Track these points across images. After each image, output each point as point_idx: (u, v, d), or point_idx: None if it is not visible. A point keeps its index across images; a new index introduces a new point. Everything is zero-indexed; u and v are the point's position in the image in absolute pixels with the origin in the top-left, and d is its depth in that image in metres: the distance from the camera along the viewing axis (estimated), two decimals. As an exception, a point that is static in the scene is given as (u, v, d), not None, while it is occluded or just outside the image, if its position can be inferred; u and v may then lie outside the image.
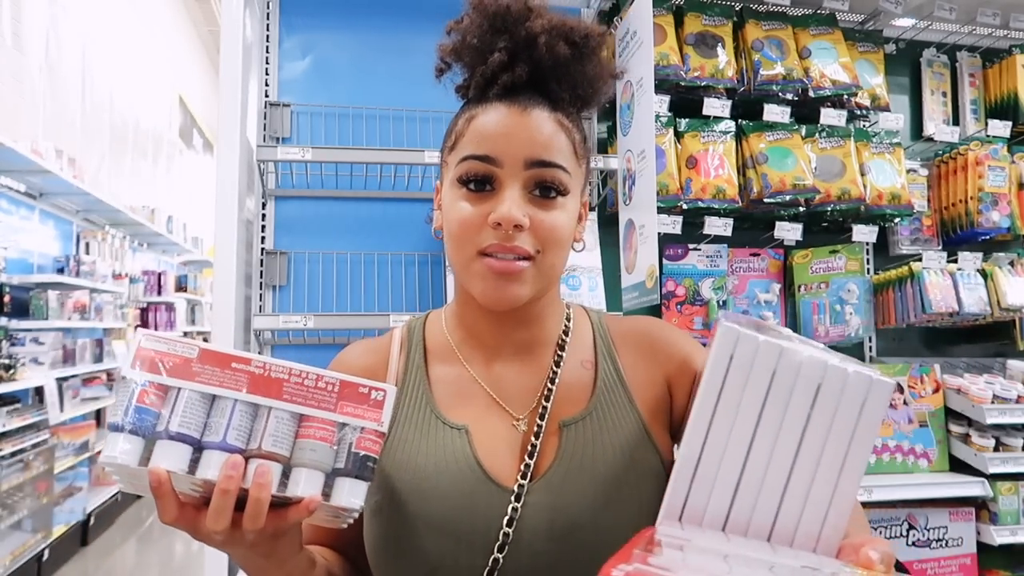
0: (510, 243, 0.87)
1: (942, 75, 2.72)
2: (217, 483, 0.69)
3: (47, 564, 4.90)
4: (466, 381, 0.99)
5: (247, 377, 0.75)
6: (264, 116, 2.16)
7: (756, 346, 0.72)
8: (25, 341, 4.99)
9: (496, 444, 0.92)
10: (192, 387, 0.72)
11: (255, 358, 0.75)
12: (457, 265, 0.93)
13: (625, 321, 1.08)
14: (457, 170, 0.91)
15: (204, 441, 0.71)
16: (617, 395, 0.97)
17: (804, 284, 2.41)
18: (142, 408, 0.70)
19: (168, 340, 0.74)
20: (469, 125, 0.92)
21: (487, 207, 0.88)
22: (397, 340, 1.05)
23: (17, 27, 5.30)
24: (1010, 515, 2.22)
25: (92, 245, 6.40)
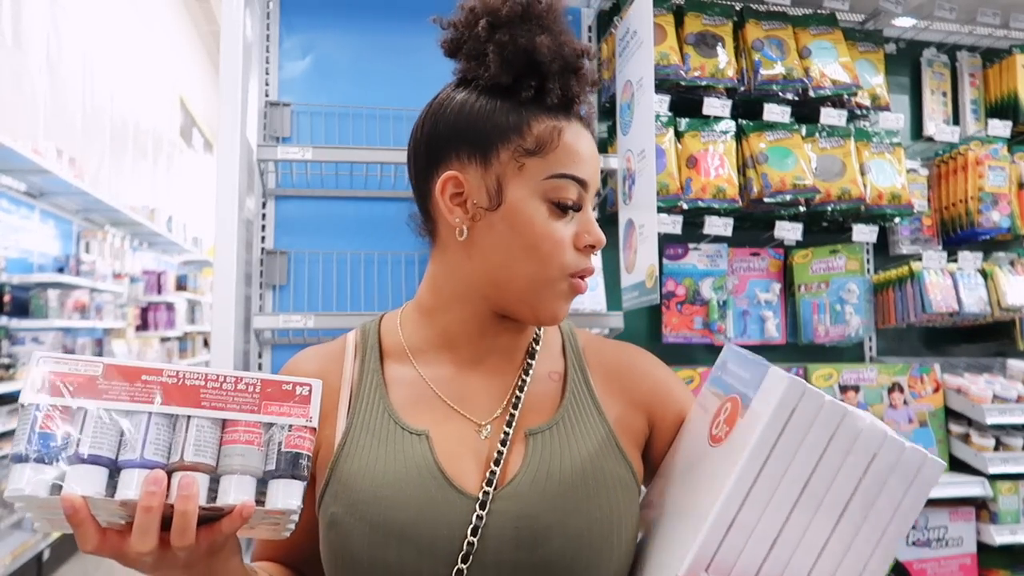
0: (592, 267, 0.93)
1: (942, 75, 2.72)
2: (139, 501, 0.66)
3: (47, 563, 4.90)
4: (422, 386, 0.96)
5: (160, 388, 0.71)
6: (264, 116, 2.16)
7: (820, 405, 0.71)
8: (25, 340, 4.99)
9: (459, 450, 0.89)
10: (100, 405, 0.68)
11: (166, 368, 0.71)
12: (530, 282, 0.89)
13: (606, 344, 1.07)
14: (551, 184, 0.88)
15: (120, 461, 0.67)
16: (585, 406, 0.95)
17: (804, 284, 2.41)
18: (46, 434, 0.65)
19: (69, 360, 0.69)
20: (560, 139, 0.89)
21: (572, 227, 0.90)
22: (351, 344, 1.02)
23: (17, 26, 5.30)
24: (1010, 515, 2.22)
25: (92, 244, 6.40)
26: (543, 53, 0.87)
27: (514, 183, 0.88)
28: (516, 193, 0.88)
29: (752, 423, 0.73)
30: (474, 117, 0.91)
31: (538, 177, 0.88)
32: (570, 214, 0.90)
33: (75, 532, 0.66)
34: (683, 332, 2.30)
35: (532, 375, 0.97)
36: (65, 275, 5.47)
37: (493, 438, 0.91)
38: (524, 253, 0.88)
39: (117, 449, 0.67)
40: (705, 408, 0.92)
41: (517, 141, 0.89)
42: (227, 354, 1.81)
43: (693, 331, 2.30)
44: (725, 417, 0.82)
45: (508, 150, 0.89)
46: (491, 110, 0.90)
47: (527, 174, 0.88)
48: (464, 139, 0.91)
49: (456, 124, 0.92)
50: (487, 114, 0.90)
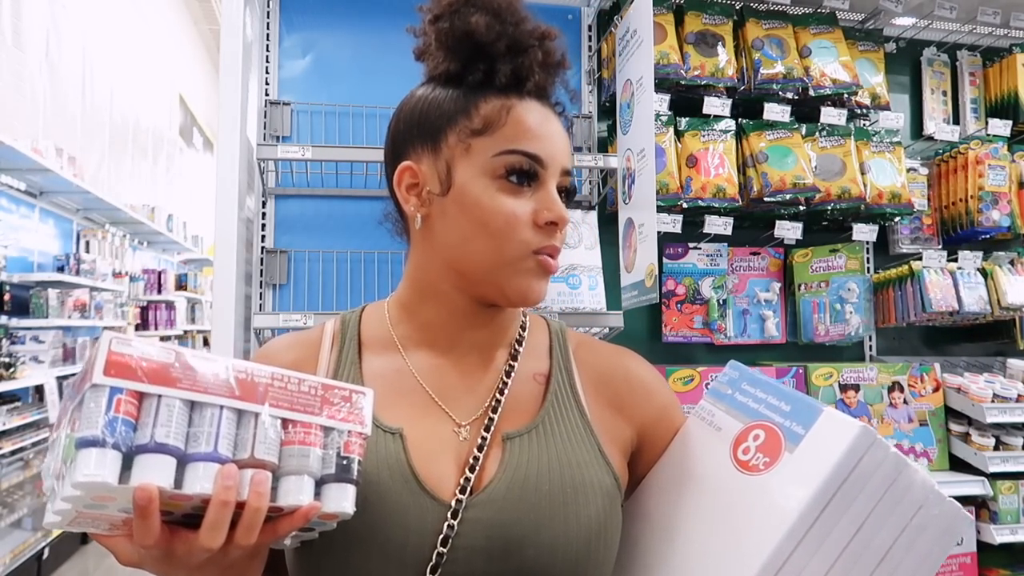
0: (558, 243, 0.90)
1: (942, 74, 2.71)
2: (215, 494, 0.63)
3: (47, 563, 4.90)
4: (405, 377, 0.93)
5: (226, 387, 0.68)
6: (264, 115, 2.16)
7: (885, 455, 0.71)
8: (25, 339, 4.99)
9: (434, 452, 0.86)
10: (174, 394, 0.65)
11: (236, 362, 0.69)
12: (492, 261, 0.87)
13: (600, 347, 1.04)
14: (499, 160, 0.87)
15: (189, 453, 0.64)
16: (568, 409, 0.93)
17: (804, 283, 2.41)
18: (119, 419, 0.61)
19: (142, 344, 0.65)
20: (508, 115, 0.88)
21: (530, 204, 0.88)
22: (329, 333, 0.99)
23: (17, 25, 5.30)
24: (1010, 514, 2.22)
25: (92, 243, 6.40)
26: (482, 33, 0.88)
27: (462, 165, 0.89)
28: (464, 175, 0.88)
29: (813, 464, 0.73)
30: (425, 107, 0.93)
31: (486, 155, 0.88)
32: (525, 191, 0.88)
33: (138, 526, 0.63)
34: (683, 331, 2.30)
35: (514, 376, 0.94)
36: (65, 274, 5.47)
37: (471, 441, 0.88)
38: (475, 232, 0.87)
39: (186, 440, 0.64)
40: (715, 426, 0.90)
41: (464, 123, 0.89)
42: (227, 353, 1.81)
43: (693, 330, 2.30)
44: (759, 445, 0.81)
45: (455, 133, 0.90)
46: (441, 98, 0.92)
47: (474, 154, 0.88)
48: (417, 130, 0.93)
49: (410, 118, 0.94)
50: (437, 103, 0.92)
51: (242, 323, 1.94)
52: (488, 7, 0.89)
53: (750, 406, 0.85)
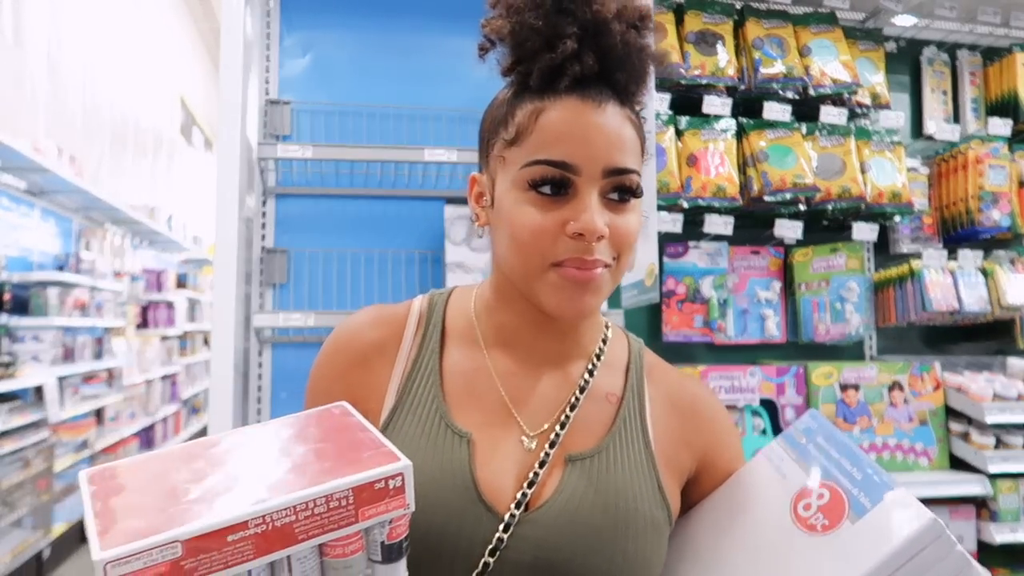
0: (591, 256, 0.81)
1: (942, 73, 2.71)
2: None
3: (47, 562, 4.90)
4: (483, 376, 0.92)
5: (251, 543, 0.62)
6: (264, 114, 2.16)
7: (949, 552, 0.70)
8: (25, 339, 4.99)
9: (498, 461, 0.86)
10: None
11: (251, 517, 0.61)
12: (521, 274, 0.85)
13: (669, 370, 1.01)
14: (525, 172, 0.82)
15: None
16: (634, 437, 0.91)
17: (804, 282, 2.40)
18: None
19: (142, 553, 0.57)
20: (537, 121, 0.82)
21: (561, 215, 0.81)
22: (415, 314, 0.97)
23: (18, 24, 5.29)
24: (1010, 513, 2.22)
25: (92, 243, 6.40)
26: (514, 32, 0.83)
27: (500, 177, 0.87)
28: (501, 187, 0.86)
29: (873, 542, 0.72)
30: (485, 116, 0.92)
31: (516, 166, 0.84)
32: (560, 200, 0.81)
33: None
34: (683, 330, 2.30)
35: (588, 393, 0.93)
36: (65, 273, 5.46)
37: (535, 454, 0.88)
38: (508, 245, 0.85)
39: None
40: (780, 472, 0.88)
41: (502, 134, 0.86)
42: (227, 353, 1.81)
43: (693, 329, 2.30)
44: (822, 505, 0.80)
45: (496, 145, 0.88)
46: (494, 107, 0.90)
47: (508, 166, 0.85)
48: (480, 140, 0.93)
49: (480, 127, 0.93)
50: (491, 113, 0.91)
51: (242, 322, 1.94)
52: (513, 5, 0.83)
53: (822, 462, 0.83)
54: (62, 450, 5.28)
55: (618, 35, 0.82)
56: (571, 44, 0.80)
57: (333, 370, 0.95)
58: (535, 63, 0.83)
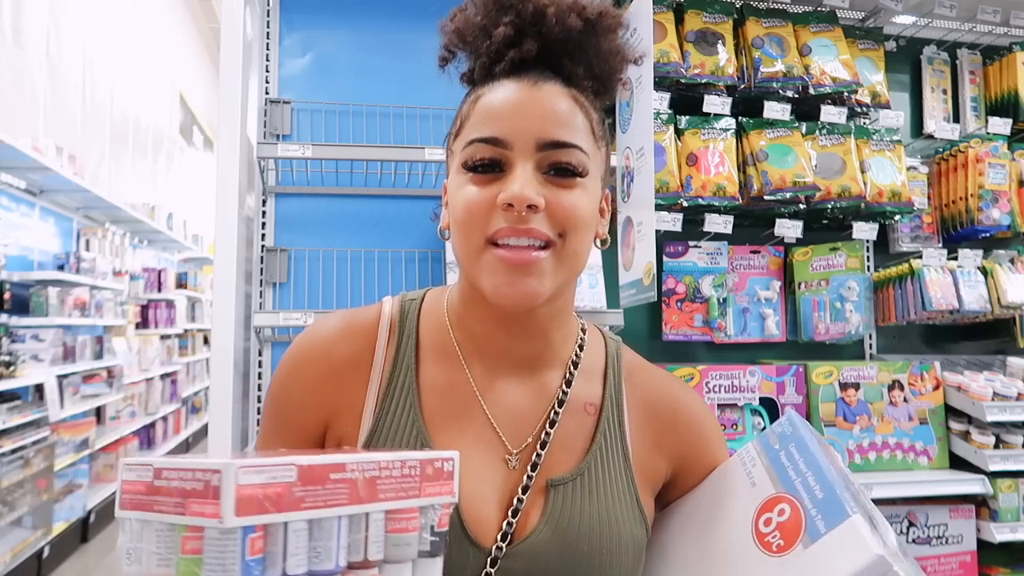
0: (524, 225, 0.77)
1: (942, 72, 2.71)
2: None
3: (47, 561, 4.90)
4: (462, 391, 0.89)
5: (347, 487, 0.66)
6: (264, 113, 2.16)
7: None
8: (25, 338, 4.99)
9: (482, 489, 0.84)
10: (299, 516, 0.63)
11: (348, 461, 0.67)
12: (464, 258, 0.83)
13: (649, 371, 0.99)
14: (462, 155, 0.82)
15: (314, 570, 0.63)
16: (614, 452, 0.90)
17: (804, 281, 2.40)
18: (255, 560, 0.59)
19: (266, 468, 0.61)
20: (475, 106, 0.84)
21: (494, 189, 0.79)
22: (386, 321, 0.93)
23: (17, 24, 5.29)
24: (1010, 512, 2.22)
25: (92, 242, 6.40)
26: (459, 35, 0.87)
27: (451, 169, 0.87)
28: (450, 177, 0.87)
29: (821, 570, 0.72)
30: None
31: (458, 152, 0.84)
32: (497, 178, 0.80)
33: None
34: (683, 330, 2.30)
35: (566, 406, 0.90)
36: (65, 272, 5.47)
37: (518, 475, 0.86)
38: (454, 228, 0.83)
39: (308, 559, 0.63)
40: (751, 478, 0.87)
41: (451, 130, 0.89)
42: (227, 352, 1.81)
43: (693, 329, 2.30)
44: (781, 522, 0.79)
45: (451, 139, 0.89)
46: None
47: (454, 156, 0.86)
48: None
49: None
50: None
51: (242, 321, 1.94)
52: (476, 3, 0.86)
53: (788, 474, 0.82)
54: (62, 449, 5.28)
55: (554, 18, 0.82)
56: (505, 31, 0.82)
57: (302, 384, 0.91)
58: (477, 56, 0.86)
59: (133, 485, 0.65)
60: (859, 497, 0.78)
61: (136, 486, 0.65)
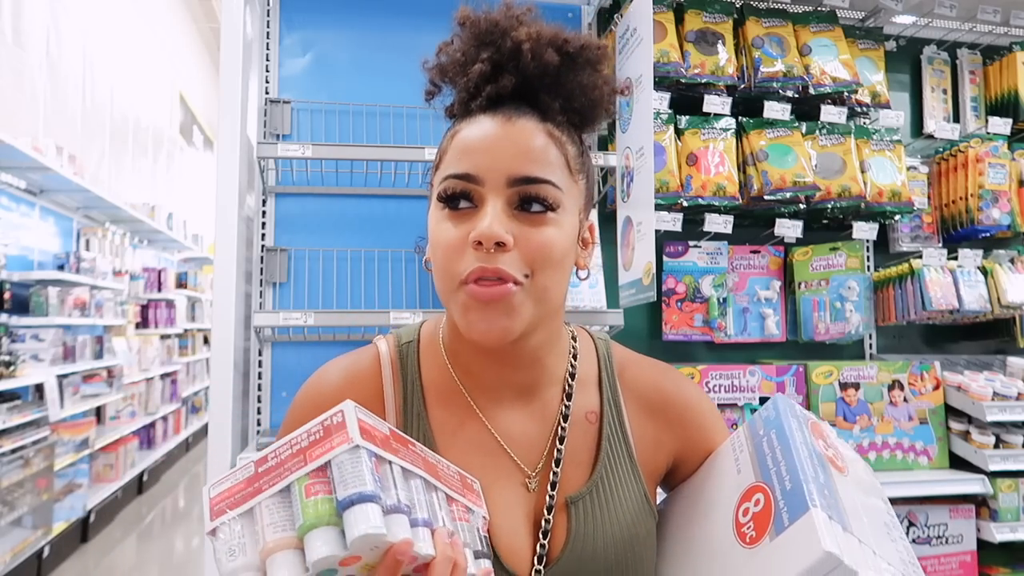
0: (492, 264, 0.77)
1: (942, 72, 2.71)
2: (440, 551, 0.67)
3: (47, 561, 4.90)
4: (474, 428, 0.90)
5: (421, 459, 0.73)
6: (264, 113, 2.16)
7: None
8: (25, 338, 4.99)
9: (509, 519, 0.86)
10: (399, 462, 0.69)
11: (415, 441, 0.75)
12: (442, 295, 0.84)
13: (640, 366, 1.00)
14: (438, 189, 0.83)
15: (412, 518, 0.67)
16: (620, 457, 0.92)
17: (804, 281, 2.41)
18: (377, 478, 0.65)
19: (372, 416, 0.70)
20: (452, 142, 0.85)
21: (467, 227, 0.80)
22: (387, 368, 0.93)
23: (17, 23, 5.29)
24: (1010, 512, 2.22)
25: (92, 242, 6.40)
26: (441, 72, 0.89)
27: (431, 203, 0.87)
28: (430, 211, 0.86)
29: (779, 565, 0.73)
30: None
31: (436, 186, 0.85)
32: (470, 214, 0.81)
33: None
34: (683, 329, 2.30)
35: (570, 420, 0.92)
36: (65, 272, 5.47)
37: (539, 496, 0.88)
38: (434, 266, 0.84)
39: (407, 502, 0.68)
40: (738, 465, 0.88)
41: (433, 164, 0.89)
42: (227, 352, 1.81)
43: (693, 328, 2.30)
44: (756, 513, 0.79)
45: (432, 173, 0.90)
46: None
47: (434, 190, 0.86)
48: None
49: None
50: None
51: (242, 321, 1.95)
52: (462, 39, 0.88)
53: (767, 462, 0.83)
54: (62, 449, 5.28)
55: (530, 54, 0.83)
56: (482, 67, 0.84)
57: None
58: (457, 91, 0.88)
59: (227, 491, 0.68)
60: (830, 486, 0.78)
61: (231, 490, 0.67)
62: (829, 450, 0.86)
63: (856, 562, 0.69)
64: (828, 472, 0.81)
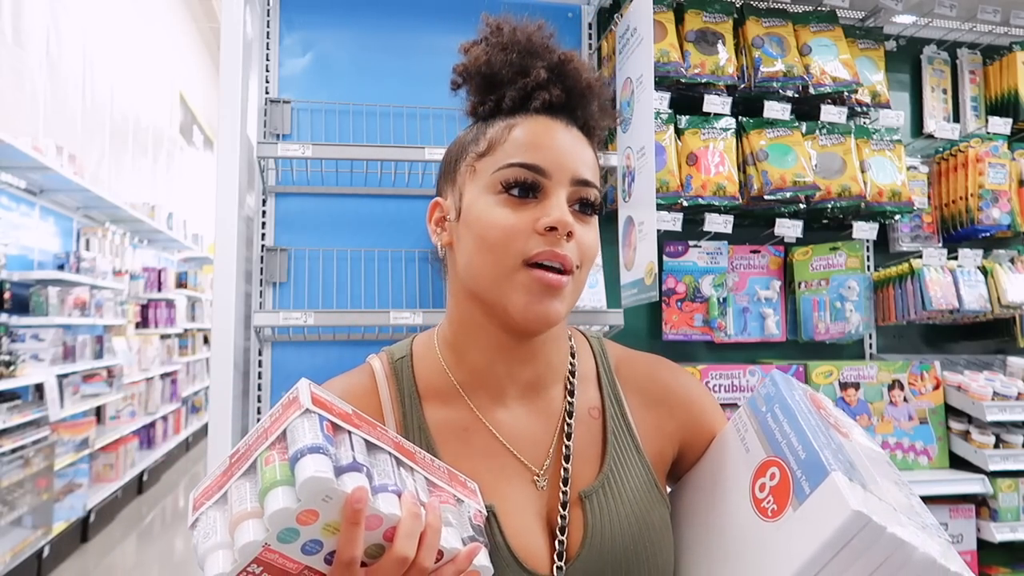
0: (561, 250, 0.83)
1: (942, 72, 2.71)
2: (407, 509, 0.69)
3: (47, 561, 4.90)
4: (475, 431, 0.91)
5: (391, 441, 0.76)
6: (264, 113, 2.16)
7: (879, 536, 0.71)
8: (25, 337, 4.99)
9: (522, 518, 0.87)
10: (361, 434, 0.72)
11: (388, 428, 0.78)
12: (491, 276, 0.85)
13: (634, 360, 1.03)
14: (498, 175, 0.86)
15: (375, 484, 0.69)
16: (627, 448, 0.94)
17: (804, 281, 2.41)
18: (330, 437, 0.68)
19: (328, 393, 0.74)
20: (510, 133, 0.89)
21: (532, 214, 0.84)
22: (383, 383, 0.95)
23: (17, 23, 5.29)
24: (1010, 512, 2.23)
25: (92, 242, 6.40)
26: (489, 64, 0.92)
27: (469, 187, 0.90)
28: (470, 195, 0.90)
29: (807, 534, 0.74)
30: (451, 147, 0.97)
31: (488, 173, 0.88)
32: (530, 203, 0.85)
33: (345, 533, 0.65)
34: (683, 329, 2.30)
35: (575, 417, 0.94)
36: (65, 272, 5.47)
37: (550, 494, 0.89)
38: (477, 247, 0.86)
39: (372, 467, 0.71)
40: (745, 444, 0.89)
41: (473, 150, 0.92)
42: (227, 351, 1.81)
43: (693, 328, 2.30)
44: (773, 487, 0.81)
45: (465, 161, 0.92)
46: (463, 135, 0.96)
47: (479, 174, 0.89)
48: (444, 168, 0.97)
49: (443, 159, 0.98)
50: (459, 140, 0.96)
51: (242, 321, 1.94)
52: (499, 42, 0.92)
53: (776, 436, 0.84)
54: (62, 449, 5.28)
55: (582, 74, 0.92)
56: (543, 72, 0.90)
57: None
58: (509, 88, 0.91)
59: (206, 489, 0.74)
60: (842, 450, 0.79)
61: (210, 487, 0.72)
62: (830, 418, 0.88)
63: (883, 519, 0.71)
64: (837, 439, 0.82)
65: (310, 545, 0.67)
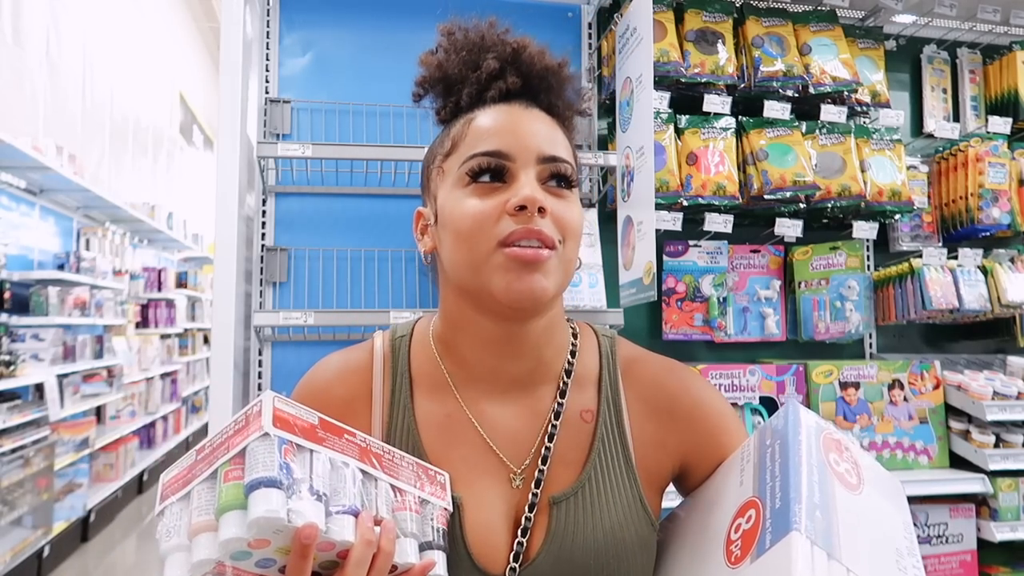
0: (535, 227, 0.82)
1: (942, 72, 2.71)
2: (360, 535, 0.69)
3: (47, 560, 4.90)
4: (459, 423, 0.91)
5: (357, 448, 0.76)
6: (264, 112, 2.16)
7: None
8: (25, 337, 4.99)
9: (488, 514, 0.86)
10: (323, 451, 0.72)
11: (358, 432, 0.78)
12: (469, 265, 0.85)
13: (645, 364, 0.98)
14: (463, 168, 0.87)
15: (333, 507, 0.70)
16: (614, 457, 0.90)
17: (804, 281, 2.41)
18: (288, 465, 0.68)
19: (294, 405, 0.73)
20: (470, 127, 0.89)
21: (501, 198, 0.84)
22: (379, 361, 0.96)
23: (17, 23, 5.29)
24: (1010, 511, 2.23)
25: (92, 241, 6.40)
26: (440, 68, 0.95)
27: (441, 188, 0.91)
28: (442, 195, 0.90)
29: None
30: (424, 156, 0.99)
31: (455, 169, 0.89)
32: (499, 189, 0.85)
33: (294, 564, 0.66)
34: (683, 329, 2.30)
35: (562, 418, 0.91)
36: (65, 272, 5.47)
37: (522, 494, 0.87)
38: (454, 242, 0.86)
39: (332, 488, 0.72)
40: (740, 477, 0.83)
41: (439, 152, 0.93)
42: (227, 351, 1.81)
43: (693, 328, 2.30)
44: (746, 530, 0.75)
45: (435, 165, 0.93)
46: (428, 150, 0.97)
47: (448, 174, 0.90)
48: (421, 179, 0.99)
49: (420, 170, 1.00)
50: (429, 148, 0.98)
51: (242, 321, 1.95)
52: (452, 46, 0.94)
53: (766, 476, 0.78)
54: (62, 448, 5.28)
55: (533, 56, 0.92)
56: (493, 63, 0.91)
57: None
58: (465, 86, 0.93)
59: (175, 477, 0.73)
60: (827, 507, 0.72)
61: (177, 476, 0.73)
62: (841, 465, 0.79)
63: None
64: (831, 491, 0.74)
65: (264, 562, 0.69)
